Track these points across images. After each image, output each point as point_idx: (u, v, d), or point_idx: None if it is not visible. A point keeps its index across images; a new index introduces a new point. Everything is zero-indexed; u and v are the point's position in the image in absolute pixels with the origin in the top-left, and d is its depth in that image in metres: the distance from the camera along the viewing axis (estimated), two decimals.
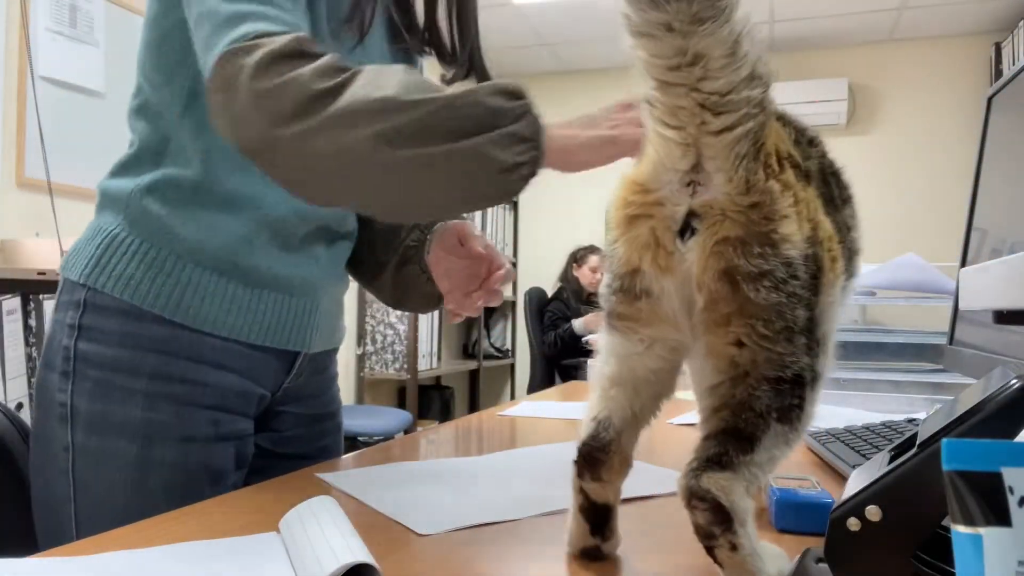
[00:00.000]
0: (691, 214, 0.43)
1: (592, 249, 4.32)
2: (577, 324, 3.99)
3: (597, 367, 0.50)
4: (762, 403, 0.42)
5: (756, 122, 0.42)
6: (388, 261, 0.94)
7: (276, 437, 0.89)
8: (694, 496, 0.42)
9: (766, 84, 0.43)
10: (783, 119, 0.48)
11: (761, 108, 0.43)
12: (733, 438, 0.43)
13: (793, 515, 0.59)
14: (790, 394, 0.42)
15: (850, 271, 0.48)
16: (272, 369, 0.84)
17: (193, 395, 0.76)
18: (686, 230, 0.43)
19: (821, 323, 0.43)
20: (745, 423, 0.42)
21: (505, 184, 0.64)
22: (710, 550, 0.43)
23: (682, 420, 1.13)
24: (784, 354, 0.42)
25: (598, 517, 0.50)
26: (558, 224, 5.05)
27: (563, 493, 0.67)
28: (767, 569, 0.43)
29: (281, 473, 0.79)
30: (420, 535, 0.56)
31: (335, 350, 0.96)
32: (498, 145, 0.63)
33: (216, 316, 0.77)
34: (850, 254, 0.48)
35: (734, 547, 0.42)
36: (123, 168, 0.79)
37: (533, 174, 0.65)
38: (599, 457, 0.49)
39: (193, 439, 0.76)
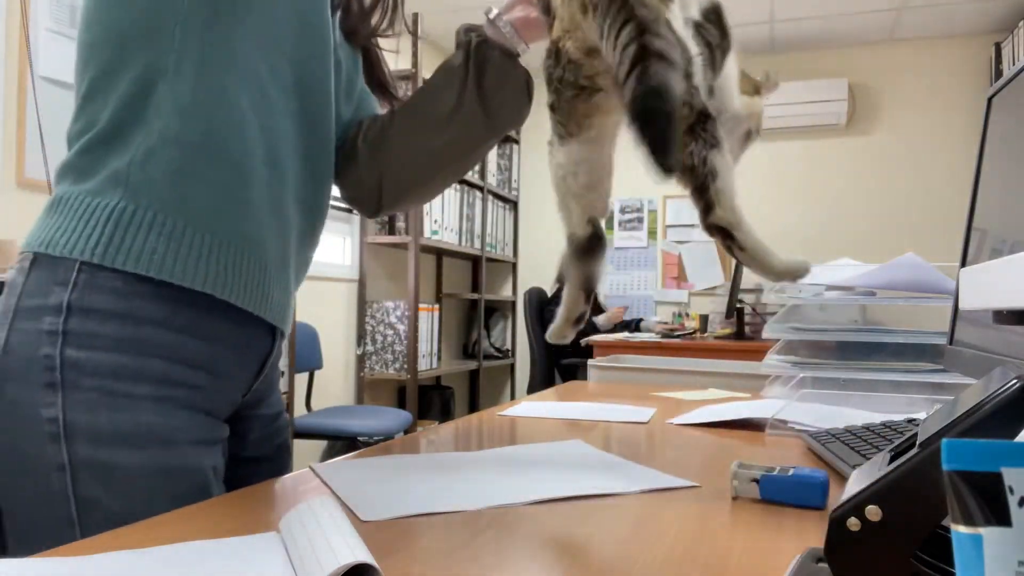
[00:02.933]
0: None
1: None
2: (601, 320, 4.12)
3: (567, 182, 0.69)
4: None
5: None
6: (462, 87, 0.85)
7: (243, 443, 0.88)
8: None
9: None
10: None
11: None
12: None
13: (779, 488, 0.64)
14: None
15: None
16: (249, 371, 0.84)
17: (192, 399, 0.75)
18: None
19: None
20: None
21: None
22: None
23: (682, 420, 1.13)
24: None
25: (590, 287, 0.71)
26: (558, 224, 5.03)
27: (556, 487, 0.68)
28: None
29: (245, 479, 0.80)
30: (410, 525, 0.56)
31: None
32: None
33: (232, 285, 0.76)
34: None
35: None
36: (99, 145, 0.74)
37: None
38: (596, 248, 0.70)
39: (200, 442, 0.75)
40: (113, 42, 0.75)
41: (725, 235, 0.64)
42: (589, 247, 0.70)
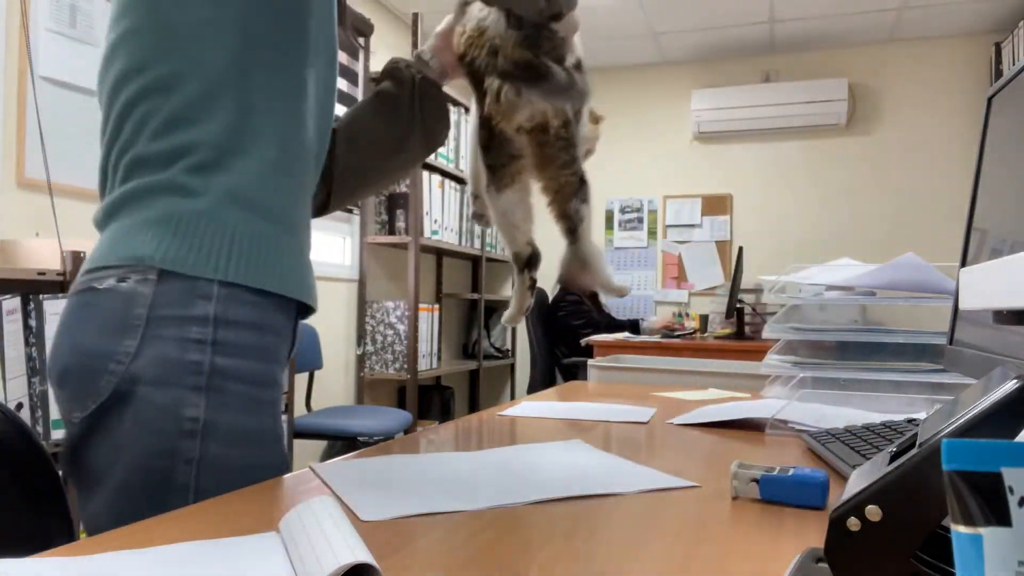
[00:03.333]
0: None
1: None
2: (645, 324, 4.26)
3: (508, 218, 0.95)
4: None
5: None
6: (409, 117, 0.98)
7: None
8: None
9: None
10: None
11: None
12: None
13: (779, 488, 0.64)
14: None
15: None
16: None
17: (280, 401, 0.85)
18: None
19: None
20: None
21: None
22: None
23: (682, 420, 1.13)
24: None
25: (534, 287, 0.98)
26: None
27: (555, 487, 0.68)
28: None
29: None
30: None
31: None
32: None
33: (314, 290, 0.89)
34: None
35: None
36: (205, 168, 0.79)
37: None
38: (536, 260, 0.97)
39: (283, 439, 0.85)
40: (200, 76, 0.80)
41: (582, 262, 0.94)
42: (530, 261, 0.97)
